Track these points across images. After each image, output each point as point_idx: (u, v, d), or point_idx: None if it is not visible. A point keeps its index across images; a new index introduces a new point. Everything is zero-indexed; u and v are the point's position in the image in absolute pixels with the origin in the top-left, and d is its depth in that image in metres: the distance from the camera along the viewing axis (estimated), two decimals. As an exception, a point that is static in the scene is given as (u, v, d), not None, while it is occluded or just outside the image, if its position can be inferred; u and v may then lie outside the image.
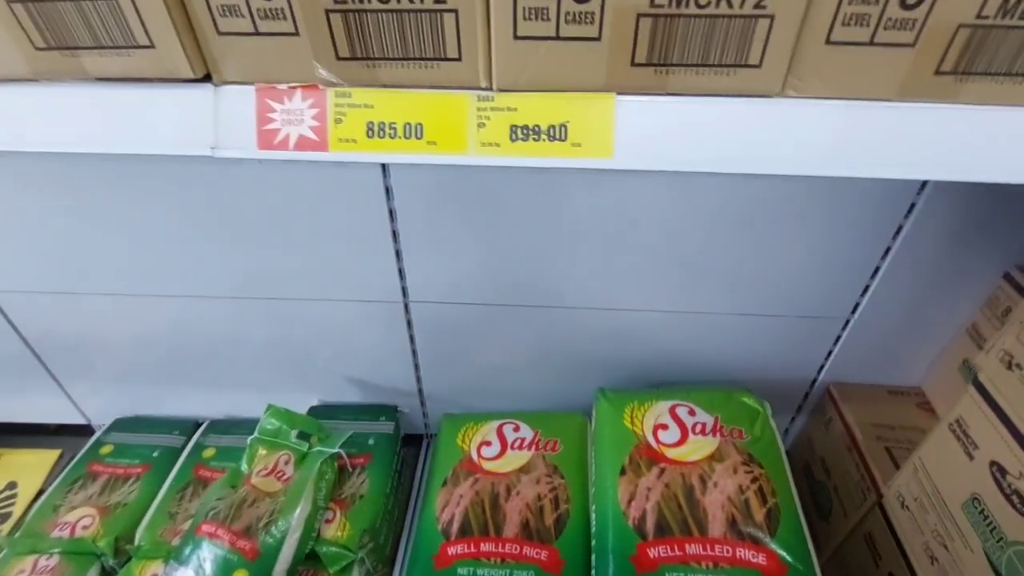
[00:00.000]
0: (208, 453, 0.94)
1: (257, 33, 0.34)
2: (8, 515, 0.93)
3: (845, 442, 0.81)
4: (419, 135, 0.34)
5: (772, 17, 0.31)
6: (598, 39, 0.32)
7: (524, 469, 0.82)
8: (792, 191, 0.68)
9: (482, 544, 0.74)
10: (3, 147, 0.36)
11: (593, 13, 0.31)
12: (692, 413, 0.79)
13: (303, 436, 0.85)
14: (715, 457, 0.73)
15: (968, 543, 0.57)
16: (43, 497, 0.90)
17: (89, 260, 0.80)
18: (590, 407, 0.89)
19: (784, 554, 0.64)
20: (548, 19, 0.31)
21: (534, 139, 0.34)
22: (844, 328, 0.82)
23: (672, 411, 0.79)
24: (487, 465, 0.84)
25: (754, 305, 0.80)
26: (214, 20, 0.34)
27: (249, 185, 0.69)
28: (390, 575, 0.86)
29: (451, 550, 0.74)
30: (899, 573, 0.68)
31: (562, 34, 0.32)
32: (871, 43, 0.32)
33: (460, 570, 0.72)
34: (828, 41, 0.32)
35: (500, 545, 0.73)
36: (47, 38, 0.34)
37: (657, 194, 0.68)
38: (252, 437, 0.84)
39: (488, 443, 0.87)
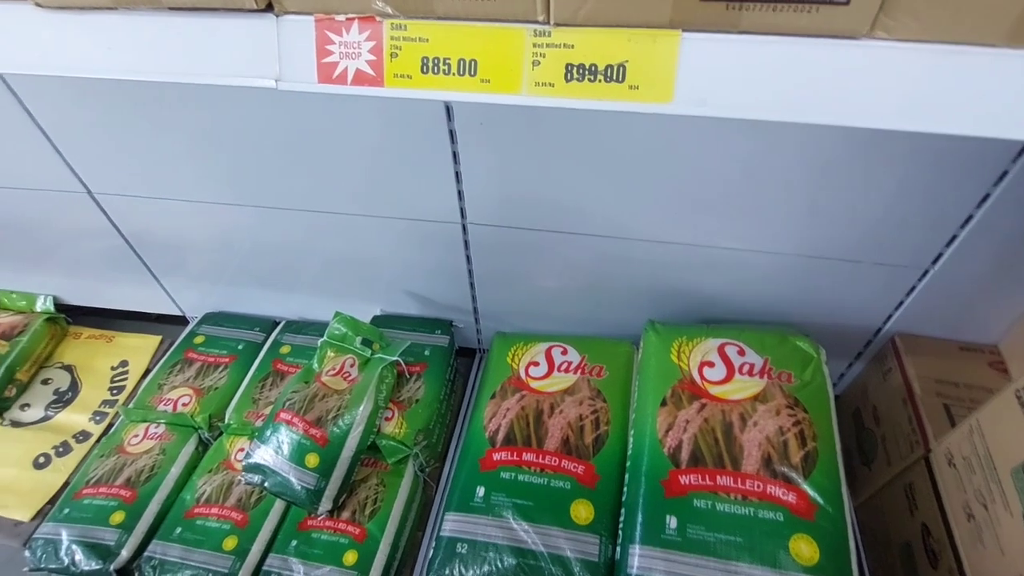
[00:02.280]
0: (284, 350, 1.04)
1: (317, -38, 0.34)
2: (123, 387, 1.09)
3: (901, 394, 0.79)
4: (473, 72, 0.34)
5: (871, -54, 0.27)
6: (668, -30, 0.29)
7: (569, 390, 0.86)
8: (880, 131, 0.61)
9: (524, 454, 0.80)
10: (87, 74, 0.39)
11: (666, -59, 0.28)
12: (741, 353, 0.79)
13: (366, 343, 0.92)
14: (759, 398, 0.74)
15: (1009, 506, 0.56)
16: (150, 376, 1.04)
17: (177, 170, 0.86)
18: (639, 336, 0.90)
19: (815, 495, 0.66)
20: (615, -52, 0.29)
21: (589, 79, 0.33)
22: (921, 278, 0.77)
23: (721, 349, 0.79)
24: (534, 384, 0.88)
25: (827, 248, 0.76)
26: (277, -52, 0.33)
27: (316, 107, 0.71)
28: (441, 469, 0.95)
29: (496, 456, 0.81)
30: (932, 524, 0.68)
31: (629, -36, 0.30)
32: (989, -21, 0.27)
33: (503, 474, 0.78)
34: (936, -25, 0.28)
35: (540, 456, 0.79)
36: (124, -34, 0.36)
37: (732, 127, 0.64)
38: (322, 340, 0.92)
39: (536, 363, 0.91)
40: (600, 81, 0.33)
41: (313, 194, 0.85)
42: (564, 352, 0.92)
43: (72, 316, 1.19)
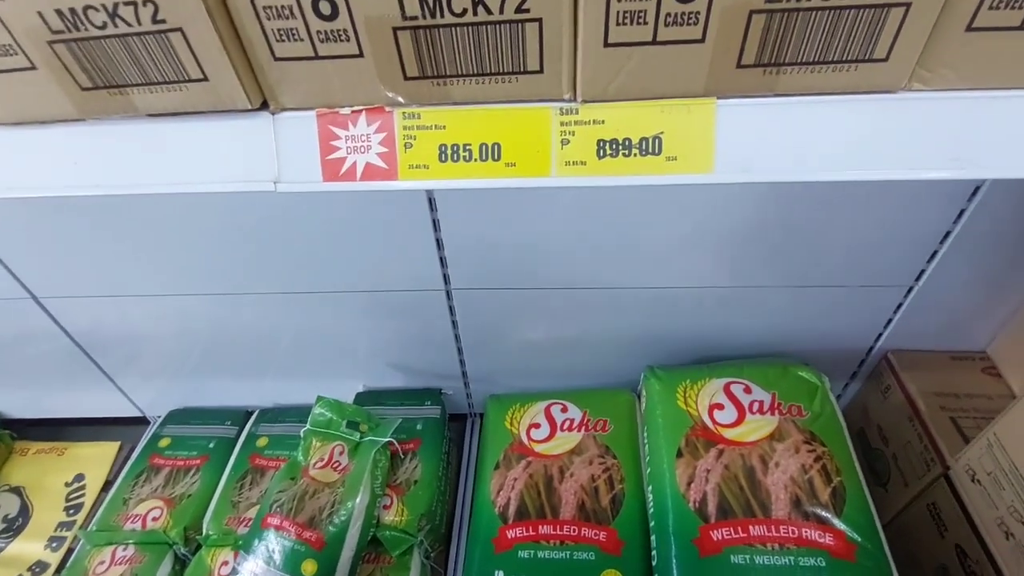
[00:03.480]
0: (261, 442, 0.96)
1: (317, 57, 0.31)
2: (80, 505, 0.97)
3: (906, 412, 0.79)
4: (496, 156, 0.31)
5: (908, 5, 0.27)
6: (701, 40, 0.28)
7: (576, 451, 0.82)
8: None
9: (540, 527, 0.75)
10: (53, 193, 0.34)
11: (698, 13, 0.27)
12: (748, 391, 0.77)
13: (353, 425, 0.86)
14: (775, 437, 0.72)
15: (1050, 523, 0.56)
16: (112, 490, 0.93)
17: (126, 266, 0.79)
18: (636, 383, 0.88)
19: (852, 533, 0.64)
20: (645, 23, 0.27)
21: (624, 154, 0.31)
22: (907, 295, 0.78)
23: (727, 389, 0.78)
24: (538, 448, 0.84)
25: (812, 277, 0.77)
26: (270, 46, 0.30)
27: (290, 199, 0.67)
28: (446, 552, 0.88)
29: (510, 533, 0.75)
30: (968, 545, 0.67)
31: (659, 38, 0.28)
32: (1021, 27, 0.27)
33: (521, 553, 0.73)
34: (970, 28, 0.27)
35: (558, 528, 0.74)
36: (93, 78, 0.31)
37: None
38: (305, 429, 0.85)
39: (537, 425, 0.87)
40: (635, 155, 0.31)
41: (281, 276, 0.80)
42: (564, 409, 0.89)
43: (17, 430, 1.07)
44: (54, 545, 0.92)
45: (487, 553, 0.75)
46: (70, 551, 0.91)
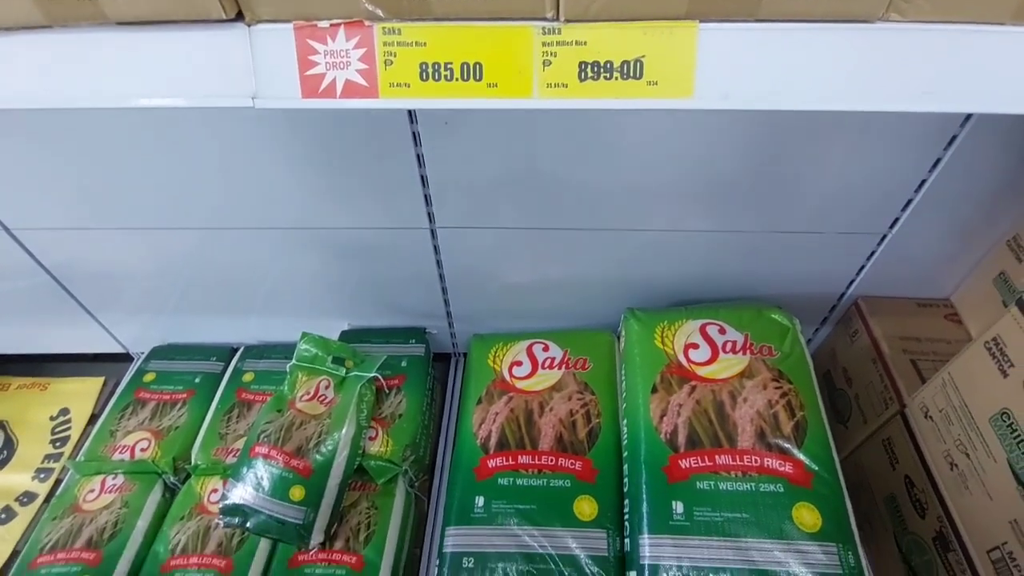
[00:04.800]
0: (247, 377, 0.98)
1: (294, -38, 0.30)
2: (67, 439, 0.99)
3: (871, 355, 0.83)
4: (478, 76, 0.31)
5: (890, -72, 0.27)
6: (685, -41, 0.28)
7: (556, 387, 0.85)
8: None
9: (520, 457, 0.78)
10: (16, 105, 0.33)
11: (683, -71, 0.27)
12: (723, 332, 0.80)
13: (338, 361, 0.87)
14: (745, 374, 0.75)
15: (991, 453, 0.60)
16: (98, 423, 0.95)
17: (103, 197, 0.78)
18: (617, 325, 0.90)
19: (810, 463, 0.68)
20: (630, -63, 0.27)
21: (605, 77, 0.31)
22: (880, 243, 0.81)
23: (703, 330, 0.81)
24: (520, 384, 0.87)
25: (789, 223, 0.78)
26: (244, -52, 0.29)
27: (261, 116, 0.65)
28: (430, 481, 0.92)
29: (491, 463, 0.79)
30: (916, 476, 0.72)
31: (644, -46, 0.28)
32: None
33: (501, 480, 0.77)
34: (949, -45, 0.27)
35: (536, 457, 0.78)
36: (60, -22, 0.30)
37: (687, 116, 0.64)
38: (291, 364, 0.86)
39: (519, 363, 0.90)
40: (617, 79, 0.31)
41: (264, 210, 0.79)
42: (546, 348, 0.91)
43: (-2, 366, 1.07)
44: (41, 476, 0.94)
45: (469, 480, 0.78)
46: (58, 482, 0.94)
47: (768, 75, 0.31)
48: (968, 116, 0.65)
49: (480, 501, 0.75)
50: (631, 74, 0.31)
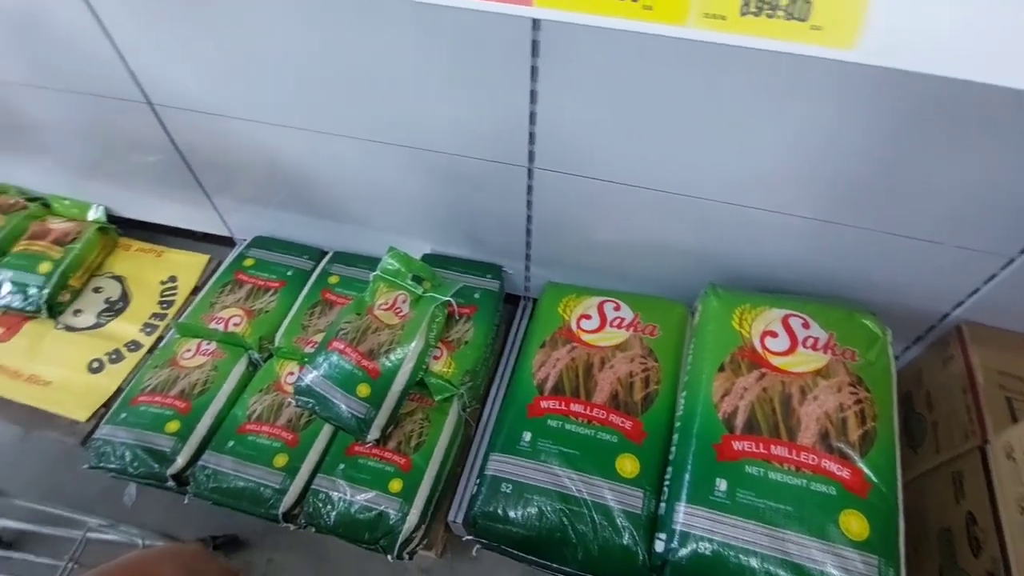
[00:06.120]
0: (333, 279, 1.04)
1: None
2: (172, 302, 1.10)
3: (962, 383, 0.78)
4: (635, -2, 0.31)
5: None
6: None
7: (620, 347, 0.86)
8: (990, 97, 0.54)
9: (572, 404, 0.80)
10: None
11: None
12: (806, 326, 0.77)
13: (417, 280, 0.91)
14: (821, 373, 0.73)
15: (1078, 506, 0.56)
16: (201, 293, 1.05)
17: (238, 87, 0.83)
18: (691, 298, 0.89)
19: (871, 473, 0.66)
20: None
21: (768, 14, 0.29)
22: (1005, 267, 0.74)
23: (785, 320, 0.78)
24: (585, 337, 0.88)
25: (908, 226, 0.73)
26: None
27: (388, 25, 0.67)
28: (480, 412, 0.97)
29: (544, 404, 0.81)
30: (980, 515, 0.69)
31: None
32: None
33: (550, 422, 0.79)
34: None
35: (589, 408, 0.80)
36: None
37: (821, 83, 0.59)
38: (375, 274, 0.91)
39: (588, 316, 0.91)
40: (780, 18, 0.29)
41: (373, 122, 0.82)
42: (617, 308, 0.91)
43: (121, 228, 1.20)
44: (148, 330, 1.06)
45: (520, 415, 0.81)
46: (160, 338, 1.05)
47: (944, 38, 0.29)
48: None
49: (527, 436, 0.79)
50: (796, 16, 0.29)
